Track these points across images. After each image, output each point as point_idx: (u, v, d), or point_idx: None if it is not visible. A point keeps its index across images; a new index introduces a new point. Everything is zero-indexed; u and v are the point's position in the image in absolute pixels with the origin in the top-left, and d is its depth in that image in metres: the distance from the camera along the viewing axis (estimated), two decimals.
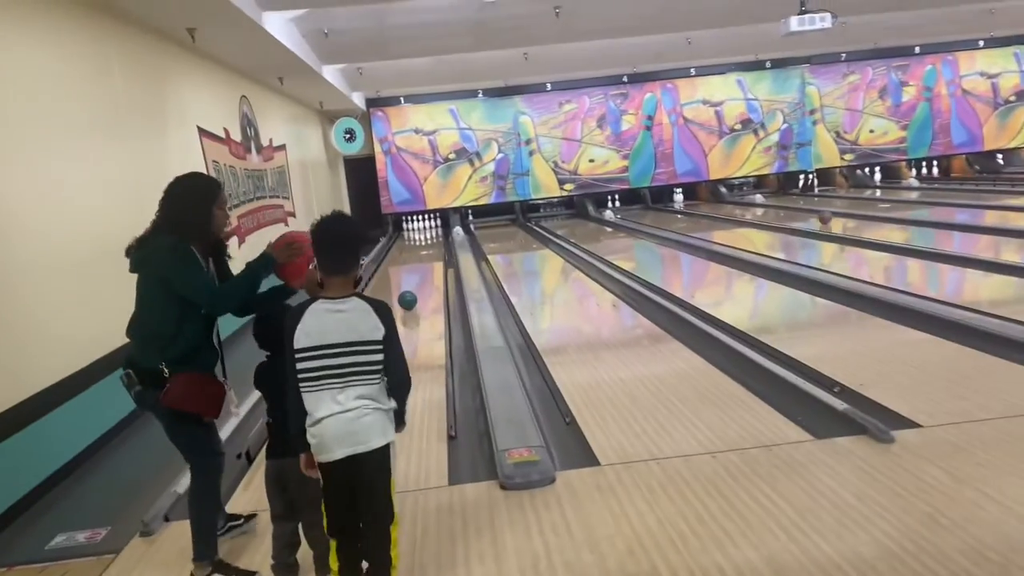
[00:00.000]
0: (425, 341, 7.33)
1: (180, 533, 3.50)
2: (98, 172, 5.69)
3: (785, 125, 18.72)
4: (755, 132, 18.67)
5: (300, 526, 2.98)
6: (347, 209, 18.02)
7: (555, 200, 18.83)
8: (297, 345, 2.54)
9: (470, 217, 18.62)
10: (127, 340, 3.23)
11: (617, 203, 18.66)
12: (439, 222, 18.50)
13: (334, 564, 2.65)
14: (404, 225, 18.48)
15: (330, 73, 12.28)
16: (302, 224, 12.84)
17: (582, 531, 3.20)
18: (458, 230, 17.24)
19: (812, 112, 18.75)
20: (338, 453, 2.54)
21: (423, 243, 17.20)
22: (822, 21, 9.21)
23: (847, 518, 3.09)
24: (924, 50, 18.68)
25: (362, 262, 2.86)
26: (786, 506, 3.23)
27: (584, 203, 18.54)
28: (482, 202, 18.31)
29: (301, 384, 2.55)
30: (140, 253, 3.08)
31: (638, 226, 15.27)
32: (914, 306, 6.46)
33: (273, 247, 3.08)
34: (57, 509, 4.19)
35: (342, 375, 2.53)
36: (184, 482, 4.03)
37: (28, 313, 4.52)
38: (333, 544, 2.65)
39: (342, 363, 2.53)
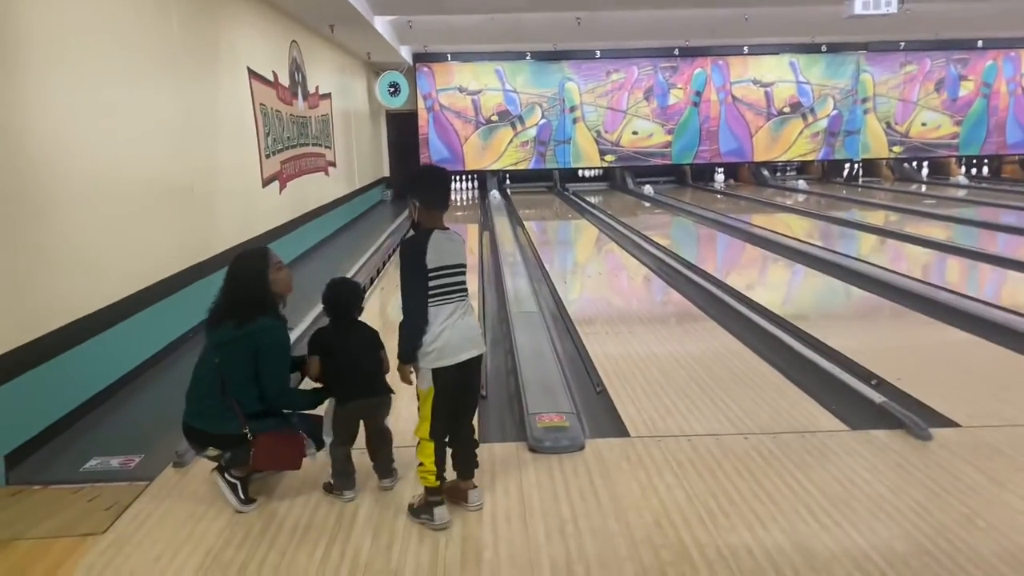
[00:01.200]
0: None
1: (211, 465, 3.57)
2: (151, 110, 5.71)
3: (835, 111, 18.30)
4: (804, 116, 18.28)
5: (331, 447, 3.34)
6: (385, 164, 18.00)
7: (593, 170, 18.66)
8: (431, 265, 2.99)
9: (507, 181, 18.53)
10: (167, 275, 3.47)
11: (657, 180, 18.44)
12: (475, 184, 18.43)
13: (431, 466, 3.05)
14: None
15: (380, 24, 12.18)
16: (341, 174, 12.84)
17: (609, 500, 3.19)
18: (495, 193, 17.15)
19: (864, 100, 18.30)
20: (463, 356, 3.04)
21: (458, 204, 17.15)
22: (887, 6, 8.96)
23: (881, 511, 3.05)
24: (986, 44, 18.10)
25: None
26: (818, 494, 3.20)
27: (623, 175, 18.37)
28: (521, 167, 18.18)
29: (432, 299, 3.00)
30: (234, 332, 3.17)
31: (677, 203, 15.12)
32: (955, 304, 6.33)
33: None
34: (93, 433, 4.27)
35: (461, 290, 3.09)
36: None
37: (73, 241, 4.57)
38: (431, 447, 3.06)
39: (460, 280, 3.09)
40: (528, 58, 17.63)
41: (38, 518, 3.23)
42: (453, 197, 17.48)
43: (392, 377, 3.26)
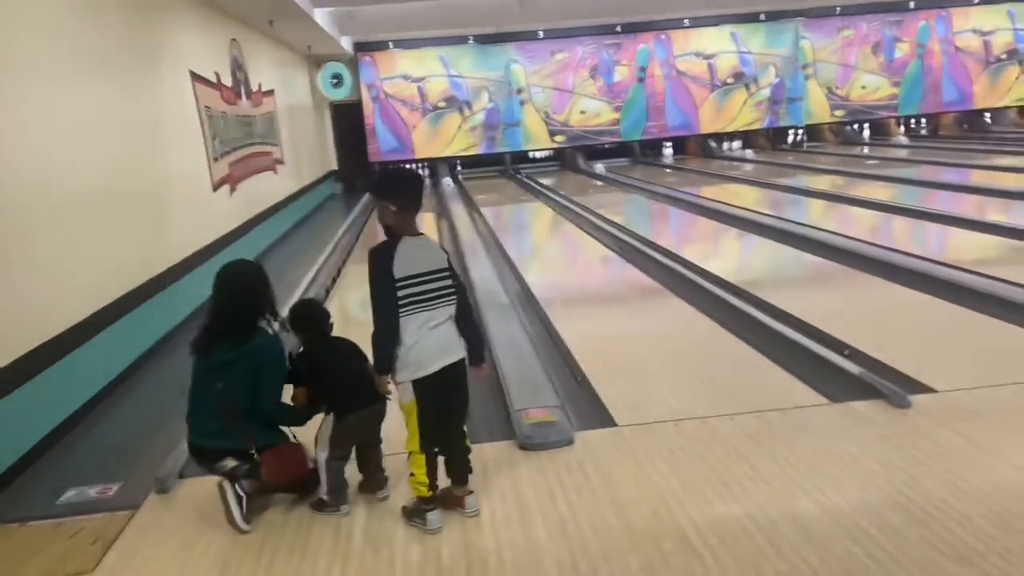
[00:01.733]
0: None
1: (196, 490, 3.48)
2: (92, 114, 5.50)
3: (777, 79, 18.53)
4: (747, 86, 18.47)
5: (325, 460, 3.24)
6: (332, 156, 17.71)
7: (544, 152, 18.63)
8: (398, 275, 2.91)
9: (458, 168, 18.40)
10: (127, 290, 3.42)
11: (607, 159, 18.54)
12: (427, 172, 18.26)
13: (423, 477, 3.02)
14: None
15: (320, 16, 11.94)
16: (290, 171, 12.60)
17: (606, 493, 3.20)
18: (448, 180, 17.04)
19: (804, 67, 18.57)
20: (440, 363, 2.97)
21: None
22: None
23: (870, 483, 3.11)
24: (918, 5, 18.50)
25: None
26: (807, 470, 3.25)
27: (573, 155, 18.39)
28: (471, 152, 18.07)
29: (404, 308, 2.92)
30: (232, 353, 3.11)
31: (628, 180, 15.20)
32: (905, 264, 6.51)
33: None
34: (65, 462, 4.13)
35: (433, 298, 2.98)
36: None
37: (32, 257, 4.39)
38: (423, 459, 3.02)
39: (436, 287, 2.99)
40: (471, 42, 17.47)
41: (21, 559, 3.11)
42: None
43: None
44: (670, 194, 12.57)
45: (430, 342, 2.96)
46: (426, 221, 12.19)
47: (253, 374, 3.09)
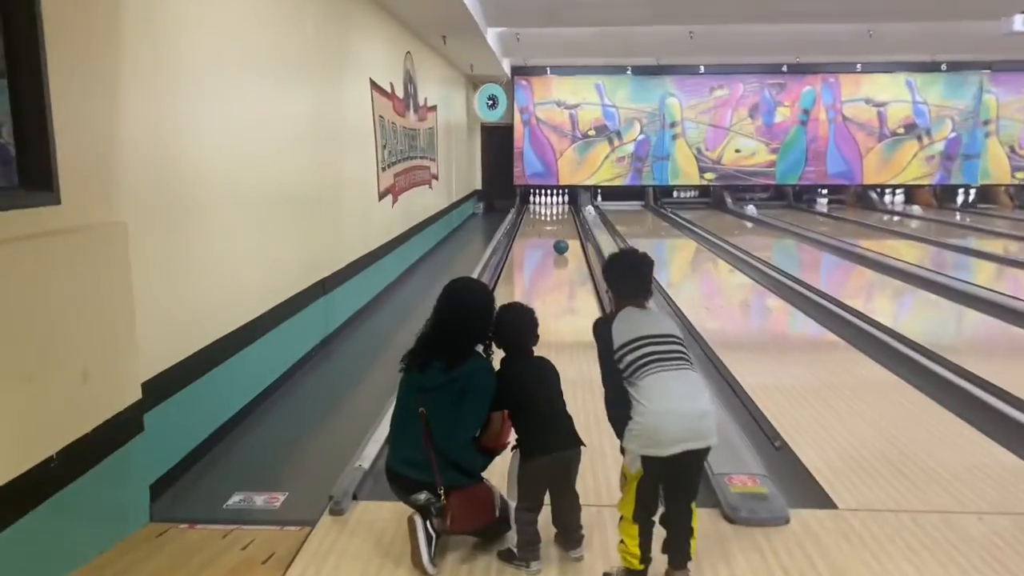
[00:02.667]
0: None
1: (372, 516, 3.25)
2: (285, 116, 5.50)
3: (953, 134, 17.30)
4: (919, 138, 17.33)
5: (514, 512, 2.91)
6: (478, 177, 17.76)
7: (691, 188, 18.06)
8: (620, 340, 2.66)
9: (598, 198, 18.08)
10: (296, 291, 3.30)
11: (758, 198, 17.78)
12: (566, 198, 18.05)
13: (635, 548, 2.66)
14: (531, 198, 18.11)
15: (491, 35, 11.94)
16: (442, 187, 12.62)
17: None
18: (590, 209, 16.76)
19: (986, 123, 17.24)
20: (678, 448, 2.56)
21: (549, 218, 16.81)
22: None
23: None
24: None
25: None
26: None
27: (722, 194, 17.72)
28: (616, 183, 17.74)
29: (632, 375, 2.61)
30: (443, 376, 2.87)
31: (779, 223, 14.43)
32: None
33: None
34: (229, 462, 4.02)
35: (667, 358, 2.64)
36: (368, 454, 3.82)
37: (219, 253, 4.34)
38: (636, 528, 2.66)
39: (666, 350, 2.66)
40: (629, 72, 17.21)
41: (195, 568, 2.94)
42: (542, 212, 17.26)
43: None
44: (831, 243, 11.79)
45: (669, 419, 2.57)
46: (572, 246, 11.88)
47: (458, 398, 2.82)
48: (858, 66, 16.95)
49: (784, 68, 17.06)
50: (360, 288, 7.11)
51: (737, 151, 17.47)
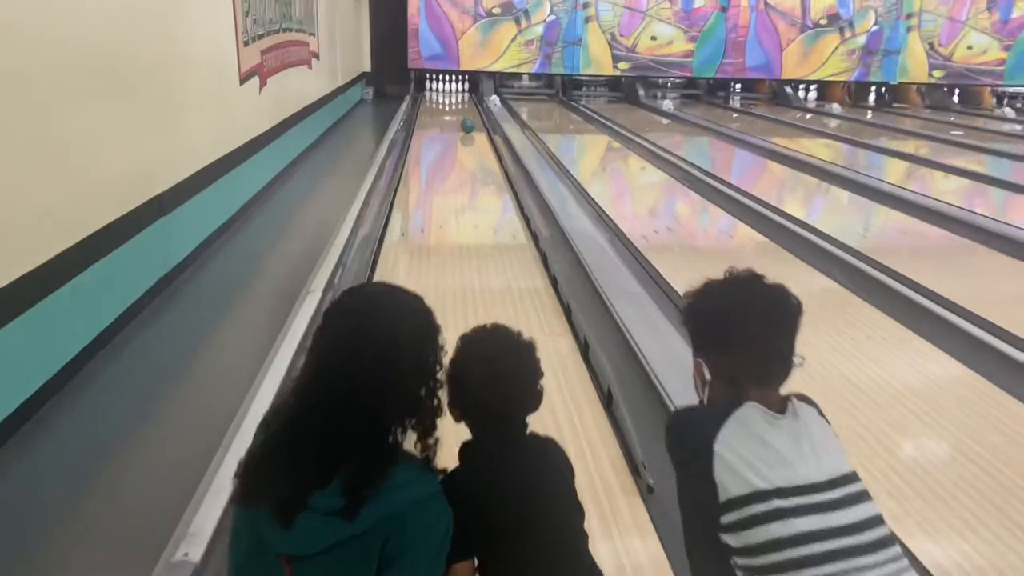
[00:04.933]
0: (520, 272, 5.52)
1: None
2: None
3: (876, 27, 16.39)
4: (841, 31, 16.34)
5: None
6: (366, 57, 15.60)
7: (601, 79, 16.58)
8: (731, 492, 1.32)
9: (501, 84, 16.36)
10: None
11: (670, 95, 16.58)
12: (467, 86, 16.25)
13: None
14: (427, 85, 16.20)
15: None
16: (324, 67, 10.65)
17: None
18: (495, 99, 15.06)
19: (909, 16, 16.40)
20: None
21: (449, 107, 15.05)
22: None
23: None
24: None
25: None
26: None
27: (635, 87, 16.34)
28: (523, 69, 16.01)
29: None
30: (349, 518, 1.24)
31: (697, 120, 13.34)
32: None
33: None
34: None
35: (857, 552, 1.29)
36: (209, 511, 2.36)
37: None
38: None
39: (846, 525, 1.30)
40: None
41: None
42: (440, 101, 15.46)
43: None
44: (755, 143, 10.83)
45: None
46: (479, 143, 10.36)
47: (381, 566, 1.25)
48: None
49: None
50: (215, 203, 5.40)
51: (653, 38, 16.00)
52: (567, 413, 3.18)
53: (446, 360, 1.41)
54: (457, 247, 5.66)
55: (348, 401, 1.25)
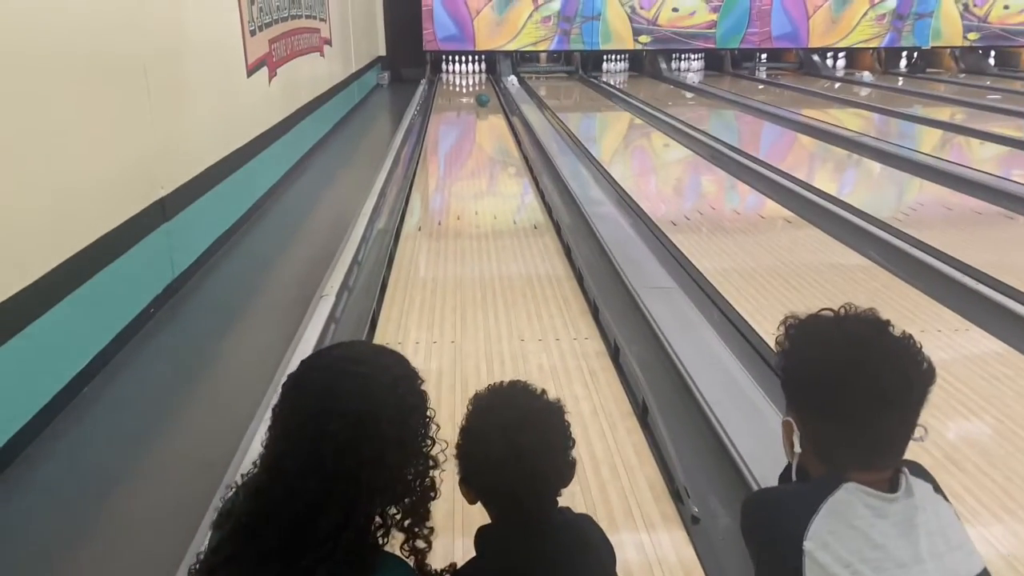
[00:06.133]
0: (541, 257, 5.24)
1: None
2: None
3: None
4: None
5: None
6: (381, 41, 15.30)
7: (623, 57, 16.13)
8: None
9: (519, 64, 15.99)
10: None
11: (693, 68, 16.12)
12: (483, 67, 15.91)
13: None
14: (443, 67, 15.87)
15: None
16: (336, 53, 10.39)
17: None
18: (512, 79, 14.72)
19: None
20: None
21: (466, 89, 14.73)
22: None
23: None
24: None
25: None
26: None
27: (657, 60, 15.90)
28: (541, 47, 15.61)
29: None
30: None
31: (723, 93, 12.94)
32: None
33: None
34: None
35: None
36: None
37: None
38: None
39: None
40: None
41: None
42: (457, 82, 15.13)
43: None
44: (783, 115, 10.41)
45: None
46: (494, 127, 10.05)
47: None
48: None
49: None
50: (223, 204, 5.18)
51: (675, 10, 15.50)
52: (598, 427, 2.93)
53: (437, 432, 1.16)
54: (476, 237, 5.41)
55: (310, 516, 1.01)
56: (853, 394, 1.11)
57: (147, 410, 3.19)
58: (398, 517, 1.09)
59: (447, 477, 1.24)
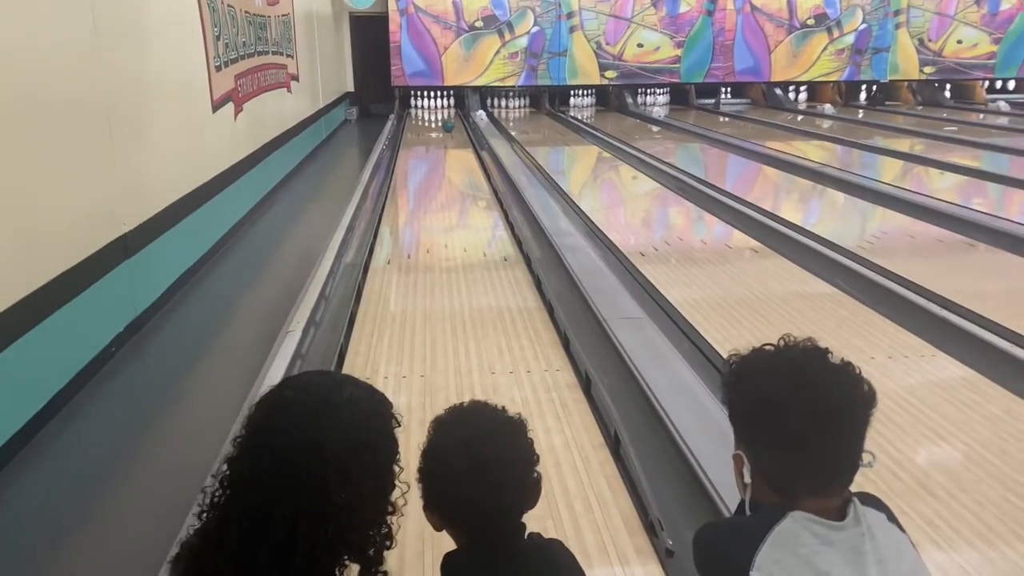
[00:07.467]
0: (510, 291, 5.23)
1: None
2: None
3: (864, 25, 16.19)
4: (829, 30, 16.14)
5: None
6: (349, 77, 15.35)
7: (589, 92, 16.34)
8: None
9: (489, 100, 16.12)
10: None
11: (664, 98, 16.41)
12: (452, 102, 16.01)
13: None
14: (412, 102, 15.95)
15: None
16: (304, 88, 10.39)
17: None
18: (481, 114, 14.82)
19: (897, 13, 16.20)
20: None
21: (435, 124, 14.80)
22: None
23: None
24: None
25: None
26: None
27: (623, 95, 16.12)
28: (509, 82, 15.75)
29: None
30: None
31: (688, 126, 13.14)
32: None
33: None
34: None
35: None
36: None
37: None
38: None
39: None
40: None
41: None
42: (426, 118, 15.21)
43: None
44: (747, 147, 10.59)
45: None
46: (461, 160, 10.09)
47: None
48: None
49: None
50: (187, 240, 5.11)
51: (640, 45, 15.77)
52: (571, 459, 2.89)
53: (404, 475, 1.13)
54: (446, 270, 5.38)
55: (259, 524, 1.02)
56: (799, 418, 1.11)
57: (108, 452, 3.10)
58: (348, 560, 1.07)
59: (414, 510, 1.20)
